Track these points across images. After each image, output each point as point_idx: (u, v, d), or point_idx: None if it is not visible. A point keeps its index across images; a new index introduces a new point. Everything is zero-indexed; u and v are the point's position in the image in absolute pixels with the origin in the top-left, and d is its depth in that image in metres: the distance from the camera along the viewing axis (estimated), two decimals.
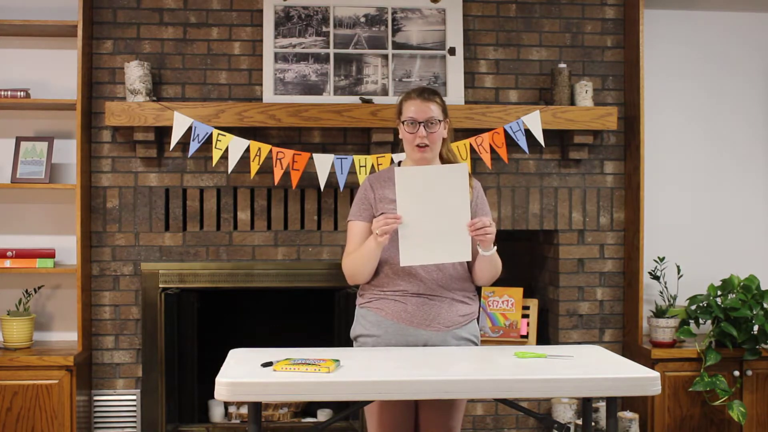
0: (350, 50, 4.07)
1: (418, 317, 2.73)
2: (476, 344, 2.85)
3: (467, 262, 2.83)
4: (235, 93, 4.04)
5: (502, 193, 4.13)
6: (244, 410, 4.18)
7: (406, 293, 2.74)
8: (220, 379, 2.27)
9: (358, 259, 2.76)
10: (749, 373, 3.94)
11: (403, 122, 2.77)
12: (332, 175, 3.89)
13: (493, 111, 3.98)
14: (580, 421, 3.92)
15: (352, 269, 2.79)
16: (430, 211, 2.61)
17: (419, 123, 2.73)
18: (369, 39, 4.08)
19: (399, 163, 2.90)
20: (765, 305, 3.90)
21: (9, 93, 3.80)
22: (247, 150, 3.83)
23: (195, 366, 4.28)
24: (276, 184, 3.91)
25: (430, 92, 2.79)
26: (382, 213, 2.74)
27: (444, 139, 2.82)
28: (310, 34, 4.06)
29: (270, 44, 4.01)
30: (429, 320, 2.74)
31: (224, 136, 3.82)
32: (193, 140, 3.79)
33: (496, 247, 2.72)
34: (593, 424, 3.62)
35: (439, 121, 2.75)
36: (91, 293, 3.94)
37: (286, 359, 2.41)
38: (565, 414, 3.98)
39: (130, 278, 3.97)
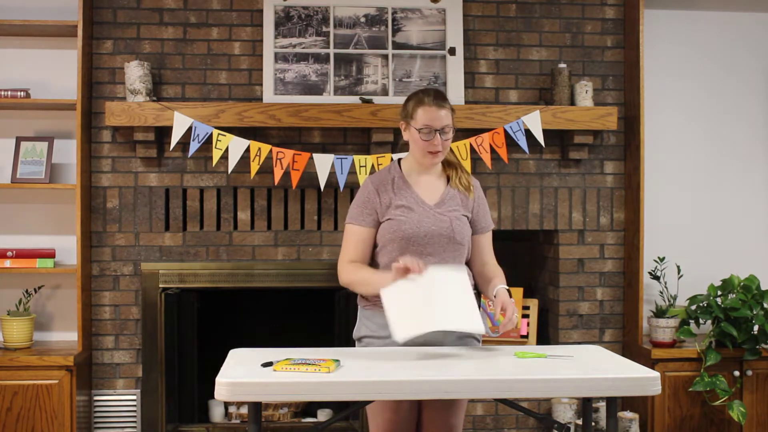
0: (350, 50, 4.07)
1: None
2: (478, 341, 2.86)
3: (467, 264, 2.83)
4: (235, 93, 4.04)
5: (502, 193, 4.13)
6: (244, 410, 4.18)
7: None
8: (220, 379, 2.27)
9: (363, 284, 2.73)
10: (749, 373, 3.94)
11: (419, 130, 2.72)
12: (332, 175, 3.89)
13: (493, 111, 3.98)
14: (580, 421, 3.92)
15: (350, 283, 2.76)
16: (433, 299, 2.54)
17: (435, 131, 2.71)
18: (369, 39, 4.08)
19: (399, 161, 2.88)
20: (765, 305, 3.90)
21: (9, 93, 3.80)
22: (247, 150, 3.83)
23: (195, 366, 4.28)
24: (276, 184, 3.91)
25: (443, 97, 2.76)
26: (389, 219, 2.73)
27: None
28: (310, 34, 4.06)
29: (270, 44, 4.01)
30: None
31: (224, 136, 3.82)
32: (193, 140, 3.79)
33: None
34: (593, 424, 3.62)
35: (452, 127, 2.75)
36: (91, 293, 3.94)
37: (286, 359, 2.41)
38: (565, 414, 3.98)
39: (130, 278, 3.97)
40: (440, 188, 2.82)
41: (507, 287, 2.74)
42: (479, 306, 2.93)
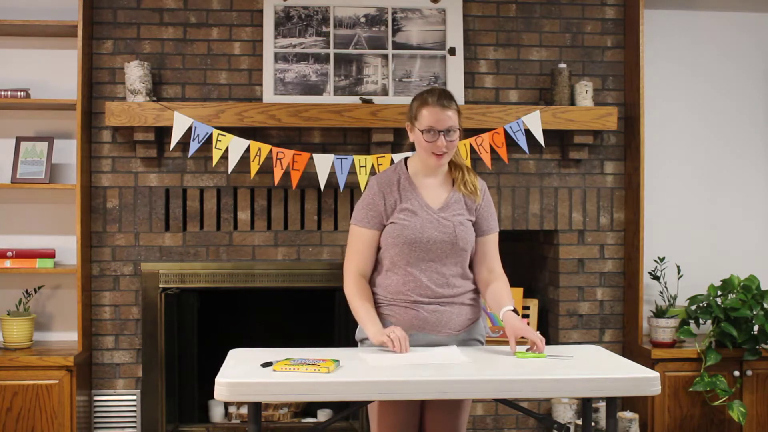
0: (350, 50, 4.07)
1: (430, 323, 2.71)
2: (482, 343, 2.84)
3: (469, 264, 2.81)
4: (235, 93, 4.04)
5: (502, 193, 4.13)
6: (244, 410, 4.18)
7: (418, 302, 2.71)
8: (220, 379, 2.27)
9: (354, 310, 2.74)
10: (749, 373, 3.94)
11: (422, 131, 2.67)
12: (332, 175, 3.89)
13: (493, 111, 3.98)
14: (580, 421, 3.92)
15: (348, 301, 2.77)
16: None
17: (439, 132, 2.66)
18: (369, 39, 4.08)
19: (405, 161, 2.85)
20: (765, 305, 3.90)
21: (9, 93, 3.80)
22: (247, 150, 3.83)
23: (195, 366, 4.28)
24: (276, 184, 3.91)
25: (448, 98, 2.69)
26: (392, 222, 2.70)
27: None
28: (310, 34, 4.06)
29: (270, 44, 4.01)
30: (441, 326, 2.71)
31: (224, 136, 3.82)
32: (193, 140, 3.79)
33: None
34: (593, 424, 3.62)
35: (458, 129, 2.69)
36: (91, 293, 3.94)
37: (286, 359, 2.41)
38: (565, 414, 3.98)
39: (130, 278, 3.97)
40: (445, 191, 2.78)
41: (513, 307, 2.70)
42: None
